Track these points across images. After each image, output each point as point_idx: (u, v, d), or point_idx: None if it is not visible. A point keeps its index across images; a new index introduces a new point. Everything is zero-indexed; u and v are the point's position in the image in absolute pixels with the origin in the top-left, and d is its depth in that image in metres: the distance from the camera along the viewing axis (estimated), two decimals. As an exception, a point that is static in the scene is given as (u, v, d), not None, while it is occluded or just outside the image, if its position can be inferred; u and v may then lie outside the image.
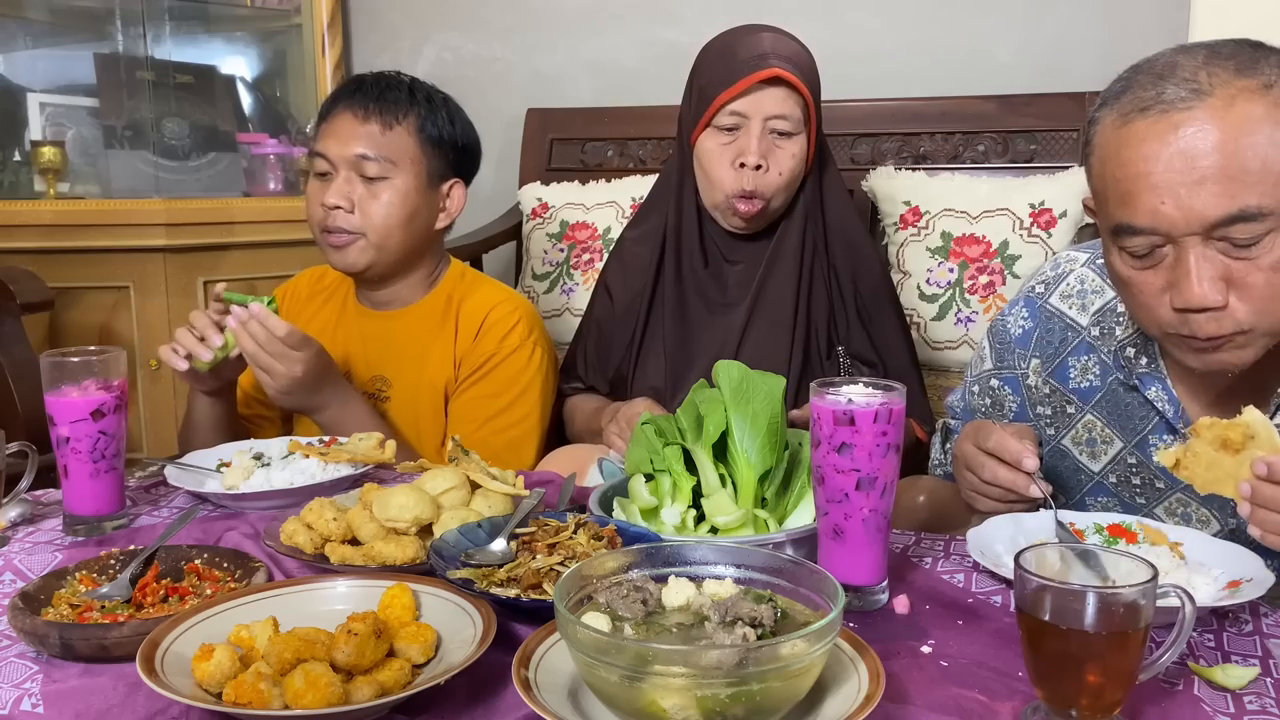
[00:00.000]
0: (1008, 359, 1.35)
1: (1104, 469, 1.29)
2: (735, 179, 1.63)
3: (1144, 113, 1.00)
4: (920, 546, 1.18)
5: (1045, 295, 1.32)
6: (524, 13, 3.14)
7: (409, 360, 1.76)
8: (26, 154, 2.88)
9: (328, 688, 0.78)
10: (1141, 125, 1.00)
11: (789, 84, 1.61)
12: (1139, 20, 2.53)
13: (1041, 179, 2.41)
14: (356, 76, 1.78)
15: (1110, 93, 1.05)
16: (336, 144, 1.70)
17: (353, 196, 1.69)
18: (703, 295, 1.74)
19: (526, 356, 1.74)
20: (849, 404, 0.98)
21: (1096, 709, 0.78)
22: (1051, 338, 1.30)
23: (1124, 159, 1.02)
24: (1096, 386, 1.27)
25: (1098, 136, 1.05)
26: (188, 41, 3.18)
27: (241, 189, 3.07)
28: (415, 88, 1.75)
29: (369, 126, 1.69)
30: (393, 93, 1.72)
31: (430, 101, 1.75)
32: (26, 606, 0.94)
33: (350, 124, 1.70)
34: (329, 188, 1.69)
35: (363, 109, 1.70)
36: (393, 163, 1.69)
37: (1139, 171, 1.00)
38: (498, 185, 3.06)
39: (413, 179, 1.71)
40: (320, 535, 1.11)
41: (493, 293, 1.80)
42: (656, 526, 1.12)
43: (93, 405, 1.22)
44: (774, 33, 1.67)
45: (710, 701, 0.71)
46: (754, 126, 1.62)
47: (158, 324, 2.75)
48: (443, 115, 1.75)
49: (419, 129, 1.72)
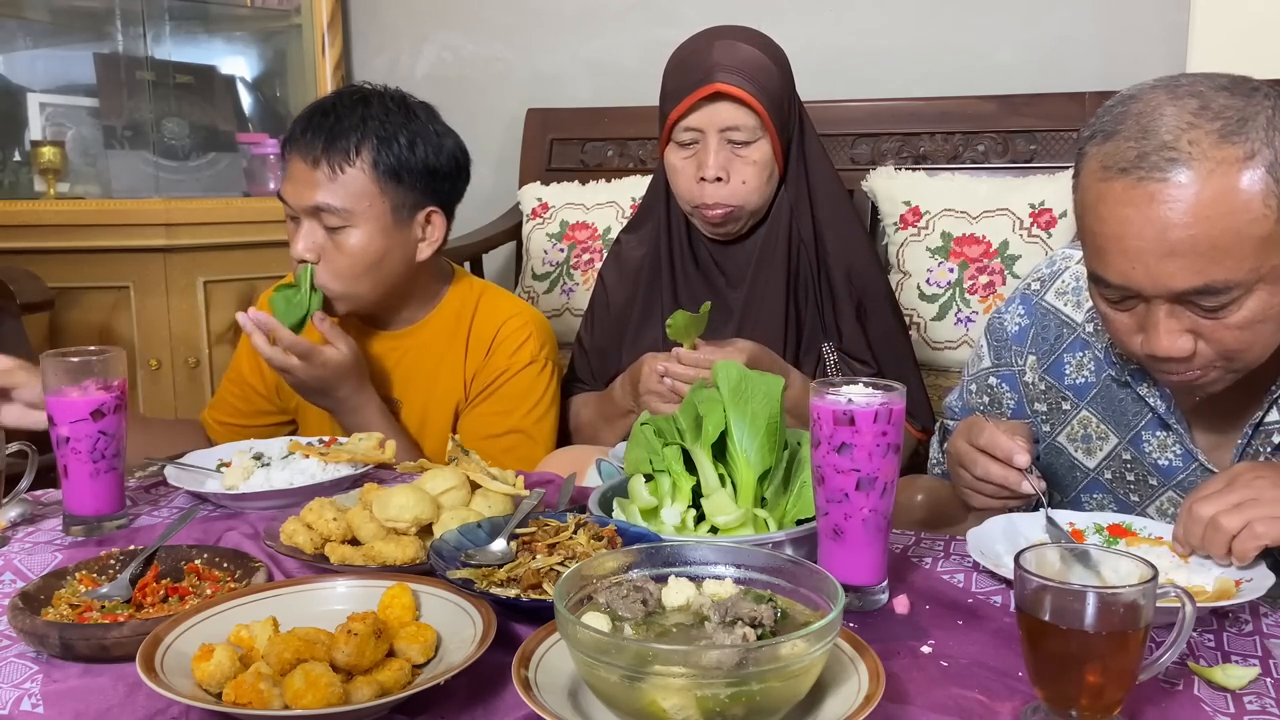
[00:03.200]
0: (1005, 356, 1.35)
1: (1099, 465, 1.30)
2: (698, 192, 1.64)
3: (1124, 174, 0.99)
4: (920, 546, 1.18)
5: (1041, 292, 1.32)
6: (524, 13, 3.14)
7: (419, 380, 1.71)
8: (26, 154, 2.88)
9: (328, 688, 0.78)
10: (1120, 187, 0.99)
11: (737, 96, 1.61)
12: (1139, 20, 2.53)
13: (1041, 179, 2.41)
14: (310, 110, 1.64)
15: (1100, 128, 1.03)
16: (293, 192, 1.60)
17: (318, 248, 1.60)
18: (694, 296, 1.74)
19: (537, 372, 1.70)
20: (849, 404, 0.98)
21: (1096, 709, 0.78)
22: (1047, 334, 1.31)
23: (1101, 215, 1.02)
24: (1091, 383, 1.27)
25: (1083, 175, 1.05)
26: (188, 41, 3.19)
27: (241, 189, 3.07)
28: (369, 115, 1.60)
29: (319, 173, 1.57)
30: (342, 129, 1.58)
31: (385, 130, 1.59)
32: (26, 606, 0.94)
33: (303, 171, 1.59)
34: (297, 234, 1.61)
35: (311, 155, 1.58)
36: (349, 210, 1.58)
37: (1114, 233, 1.01)
38: (498, 185, 3.06)
39: (374, 222, 1.59)
40: (320, 535, 1.11)
41: (503, 306, 1.74)
42: (656, 526, 1.12)
43: (93, 405, 1.22)
44: (726, 40, 1.64)
45: (710, 701, 0.71)
46: (710, 140, 1.62)
47: (158, 324, 2.76)
48: (400, 144, 1.60)
49: (373, 166, 1.58)
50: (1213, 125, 0.97)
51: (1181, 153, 0.97)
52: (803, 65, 1.78)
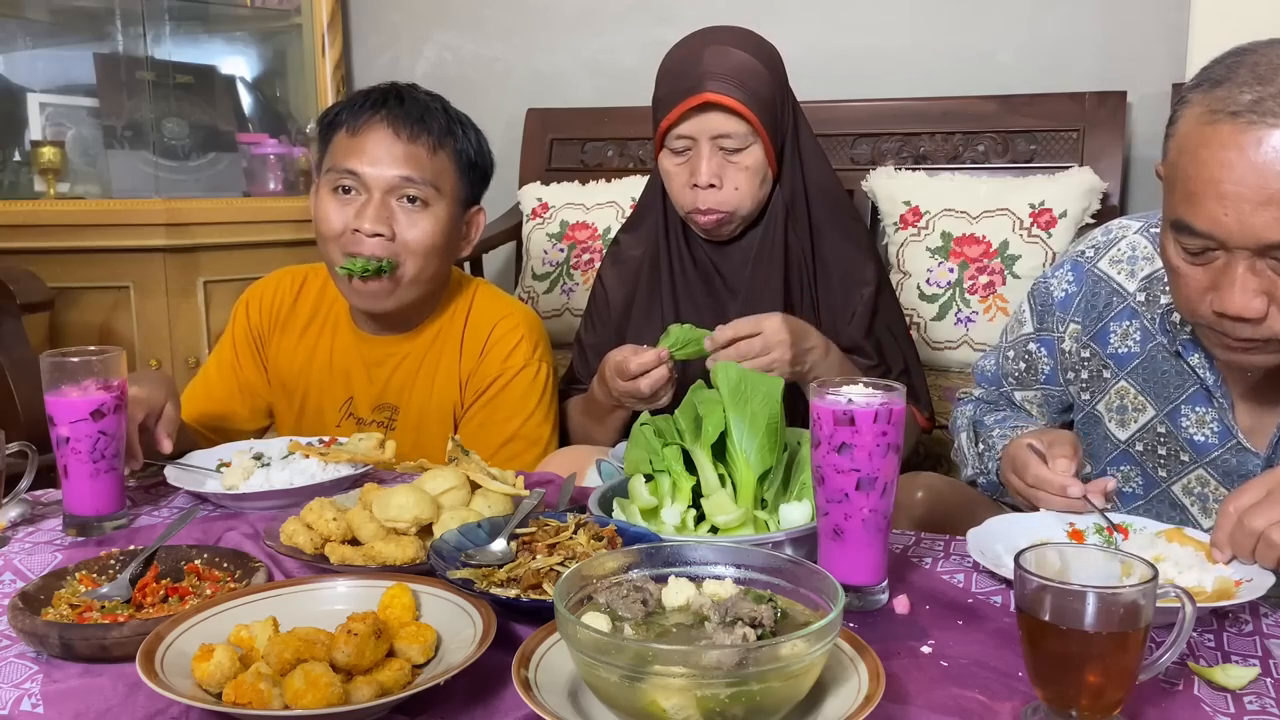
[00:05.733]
0: (1048, 321, 1.35)
1: (1131, 437, 1.30)
2: (691, 198, 1.65)
3: (1234, 117, 0.98)
4: (920, 546, 1.18)
5: (1095, 259, 1.32)
6: (524, 13, 3.14)
7: (417, 385, 1.68)
8: (26, 154, 2.88)
9: (328, 688, 0.78)
10: (1227, 130, 0.98)
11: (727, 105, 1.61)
12: (1139, 20, 2.53)
13: (1041, 179, 2.41)
14: (382, 88, 1.62)
15: (1208, 77, 1.03)
16: (372, 164, 1.55)
17: (393, 224, 1.55)
18: (693, 295, 1.74)
19: (533, 375, 1.67)
20: (849, 404, 0.98)
21: (1096, 709, 0.78)
22: (1096, 301, 1.31)
23: (1201, 159, 1.00)
24: (1135, 353, 1.27)
25: (1182, 122, 1.04)
26: (188, 41, 3.19)
27: (241, 189, 3.07)
28: (447, 108, 1.63)
29: (415, 148, 1.56)
30: (432, 112, 1.60)
31: (463, 124, 1.64)
32: (26, 606, 0.94)
33: (390, 143, 1.55)
34: (358, 210, 1.55)
35: (406, 128, 1.56)
36: (437, 189, 1.57)
37: (1212, 176, 0.99)
38: (498, 185, 3.03)
39: (450, 207, 1.61)
40: (320, 535, 1.11)
41: (496, 306, 1.72)
42: (656, 526, 1.12)
43: (93, 405, 1.22)
44: (717, 45, 1.63)
45: (710, 701, 0.71)
46: (703, 148, 1.62)
47: (158, 324, 2.76)
48: (473, 139, 1.64)
49: (458, 153, 1.61)
50: None
51: None
52: (803, 65, 1.79)
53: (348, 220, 1.56)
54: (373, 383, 1.68)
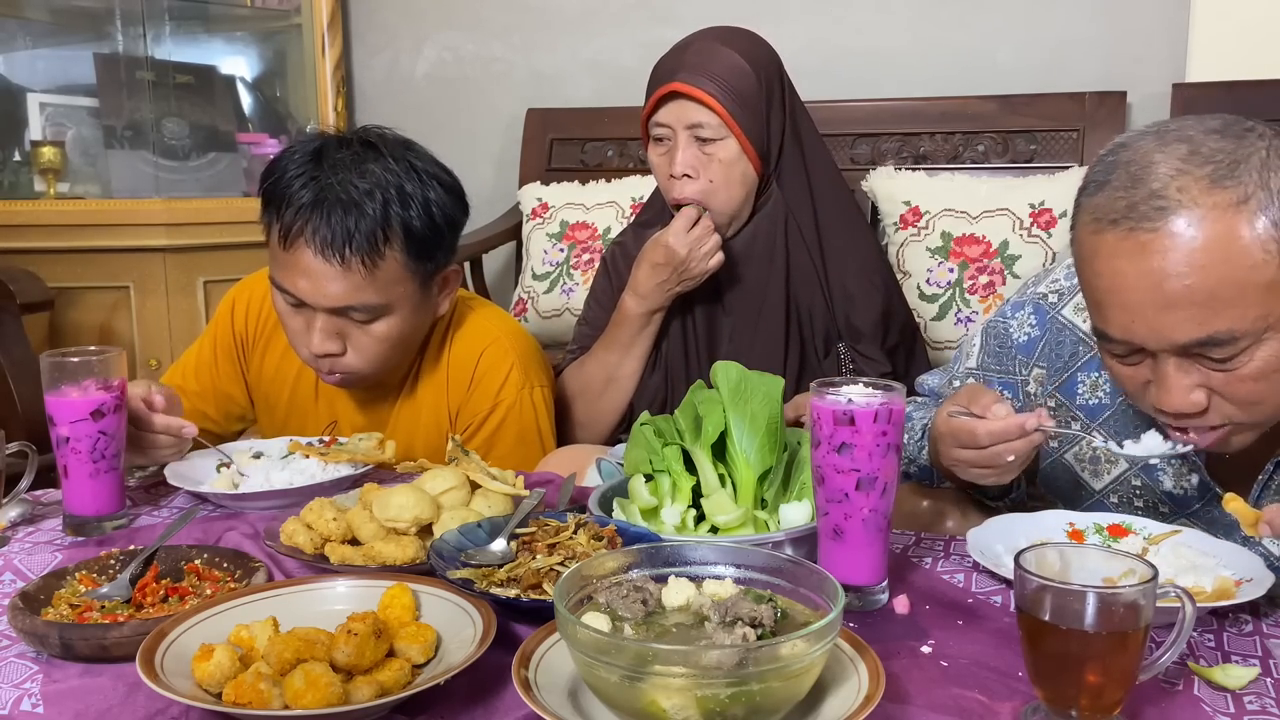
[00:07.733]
0: (1007, 364, 1.31)
1: (1105, 488, 1.26)
2: (671, 189, 1.69)
3: (1115, 225, 0.96)
4: (920, 546, 1.18)
5: (1058, 306, 1.27)
6: (524, 13, 3.14)
7: (403, 416, 1.62)
8: (26, 154, 2.88)
9: (328, 688, 0.78)
10: (1111, 239, 0.96)
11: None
12: (1139, 20, 2.53)
13: (1041, 179, 2.41)
14: (312, 192, 1.39)
15: (1093, 178, 1.00)
16: (310, 290, 1.41)
17: (345, 339, 1.45)
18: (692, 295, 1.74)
19: (528, 403, 1.61)
20: (849, 404, 0.98)
21: (1096, 709, 0.78)
22: (1061, 350, 1.26)
23: (1097, 270, 0.99)
24: (1106, 404, 1.23)
25: (1077, 229, 1.02)
26: (188, 41, 3.19)
27: (241, 189, 3.07)
28: (384, 186, 1.41)
29: (349, 272, 1.39)
30: (365, 214, 1.39)
31: (405, 201, 1.42)
32: (26, 606, 0.94)
33: (321, 267, 1.39)
34: (307, 322, 1.44)
35: (336, 250, 1.38)
36: (385, 304, 1.44)
37: (1110, 287, 0.97)
38: (498, 185, 3.06)
39: (408, 304, 1.47)
40: (320, 535, 1.11)
41: (482, 329, 1.62)
42: (656, 526, 1.12)
43: (93, 405, 1.22)
44: (706, 41, 1.67)
45: (710, 701, 0.71)
46: (680, 138, 1.67)
47: (158, 324, 2.76)
48: (423, 205, 1.44)
49: (404, 249, 1.42)
50: (1203, 170, 0.92)
51: (1171, 201, 0.93)
52: (803, 65, 1.79)
53: (301, 328, 1.46)
54: (359, 412, 1.64)
